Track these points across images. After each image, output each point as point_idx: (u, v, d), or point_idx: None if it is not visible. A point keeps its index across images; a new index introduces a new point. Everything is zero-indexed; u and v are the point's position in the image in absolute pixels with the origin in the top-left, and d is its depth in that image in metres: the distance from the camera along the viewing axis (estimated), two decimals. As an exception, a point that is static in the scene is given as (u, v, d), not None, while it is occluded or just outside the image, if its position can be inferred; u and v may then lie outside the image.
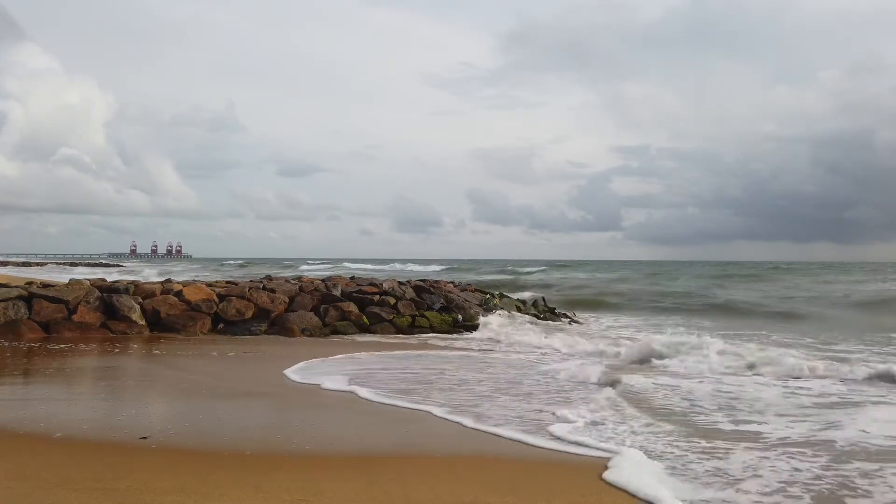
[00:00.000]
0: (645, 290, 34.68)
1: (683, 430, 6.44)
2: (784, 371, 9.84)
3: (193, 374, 9.81)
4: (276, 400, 8.12)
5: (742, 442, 6.05)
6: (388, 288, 17.87)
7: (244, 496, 4.47)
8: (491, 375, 9.71)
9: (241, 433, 6.29)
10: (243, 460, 5.36)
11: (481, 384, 8.95)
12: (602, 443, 5.94)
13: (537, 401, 7.87)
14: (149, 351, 12.30)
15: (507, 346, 13.77)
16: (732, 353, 11.15)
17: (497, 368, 10.43)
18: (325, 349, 12.48)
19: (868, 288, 36.26)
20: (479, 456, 5.70)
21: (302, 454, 5.62)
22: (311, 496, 4.52)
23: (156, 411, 7.54)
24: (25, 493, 4.43)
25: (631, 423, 6.68)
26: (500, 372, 10.07)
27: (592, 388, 8.64)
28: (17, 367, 10.18)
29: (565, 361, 11.08)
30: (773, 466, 5.30)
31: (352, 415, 7.25)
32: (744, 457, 5.54)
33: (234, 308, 15.46)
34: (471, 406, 7.50)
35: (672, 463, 5.38)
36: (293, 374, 9.56)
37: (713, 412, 7.33)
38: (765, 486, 4.84)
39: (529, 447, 5.94)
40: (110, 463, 5.16)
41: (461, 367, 10.48)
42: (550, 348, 13.09)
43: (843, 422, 6.78)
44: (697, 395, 8.25)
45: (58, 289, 14.99)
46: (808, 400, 8.05)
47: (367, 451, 5.79)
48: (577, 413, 7.01)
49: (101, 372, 10.11)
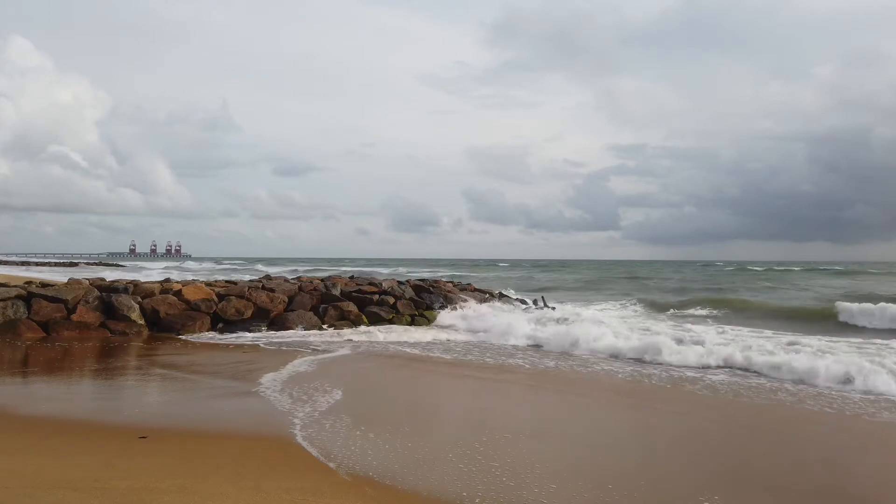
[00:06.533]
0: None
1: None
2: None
3: (193, 374, 9.80)
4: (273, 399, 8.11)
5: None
6: (388, 287, 17.87)
7: (244, 496, 4.47)
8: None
9: (241, 432, 6.29)
10: (243, 460, 5.36)
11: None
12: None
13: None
14: (148, 351, 12.29)
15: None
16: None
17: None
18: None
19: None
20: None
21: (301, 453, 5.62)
22: (311, 496, 4.52)
23: (155, 411, 7.53)
24: (25, 492, 4.42)
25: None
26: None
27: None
28: (15, 367, 10.18)
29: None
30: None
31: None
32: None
33: (233, 307, 15.44)
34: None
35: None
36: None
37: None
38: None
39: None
40: (110, 463, 5.16)
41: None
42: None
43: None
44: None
45: (57, 288, 14.96)
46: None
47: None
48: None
49: (100, 372, 10.10)
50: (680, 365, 10.95)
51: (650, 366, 11.03)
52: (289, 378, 9.19)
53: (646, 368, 10.78)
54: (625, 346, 12.38)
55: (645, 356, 11.64)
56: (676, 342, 12.21)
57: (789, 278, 47.75)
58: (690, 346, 11.96)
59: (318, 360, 11.10)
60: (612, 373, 10.46)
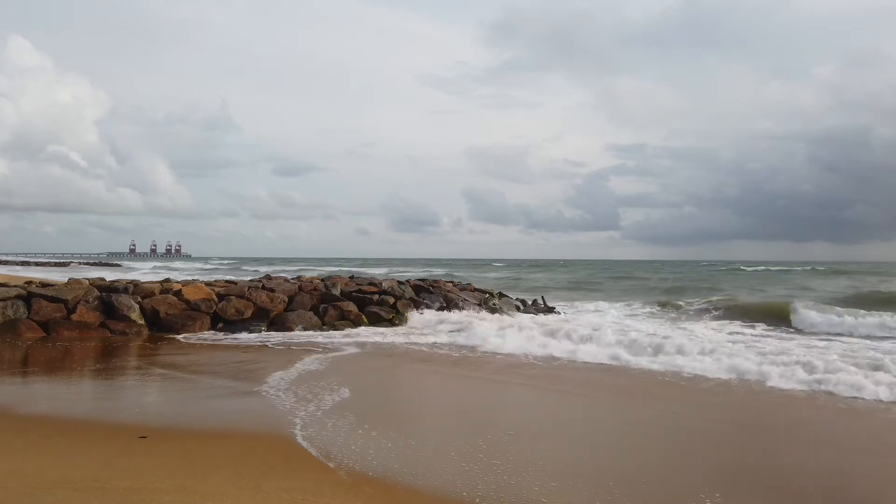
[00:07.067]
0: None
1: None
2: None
3: (193, 374, 9.80)
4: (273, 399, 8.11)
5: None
6: (388, 287, 17.86)
7: (244, 496, 4.46)
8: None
9: (242, 432, 6.28)
10: (243, 460, 5.35)
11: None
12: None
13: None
14: (148, 350, 12.28)
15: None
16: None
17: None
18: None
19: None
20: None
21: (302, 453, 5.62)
22: (311, 496, 4.52)
23: (155, 411, 7.52)
24: (25, 492, 4.42)
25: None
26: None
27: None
28: (15, 367, 10.17)
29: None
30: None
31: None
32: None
33: (233, 307, 15.43)
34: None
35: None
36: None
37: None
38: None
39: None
40: (110, 463, 5.15)
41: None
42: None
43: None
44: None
45: (57, 288, 14.95)
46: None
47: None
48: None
49: (100, 372, 10.09)
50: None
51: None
52: (298, 377, 9.20)
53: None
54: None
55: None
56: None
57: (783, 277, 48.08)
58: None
59: (328, 358, 11.13)
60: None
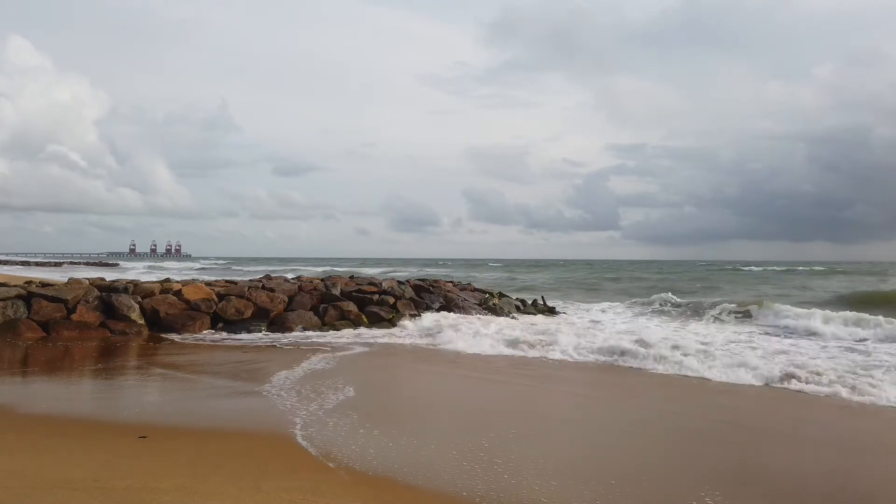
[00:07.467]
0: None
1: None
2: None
3: (193, 374, 9.79)
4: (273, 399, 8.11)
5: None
6: (388, 287, 17.86)
7: (244, 496, 4.46)
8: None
9: (242, 432, 6.28)
10: (244, 460, 5.35)
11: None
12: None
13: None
14: (148, 350, 12.28)
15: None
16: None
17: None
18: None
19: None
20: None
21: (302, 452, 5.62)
22: (311, 496, 4.51)
23: (155, 411, 7.52)
24: (25, 492, 4.42)
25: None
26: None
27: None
28: (15, 367, 10.17)
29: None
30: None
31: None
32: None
33: (233, 307, 15.43)
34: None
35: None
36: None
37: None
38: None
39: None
40: (110, 463, 5.15)
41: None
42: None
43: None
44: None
45: (57, 288, 14.94)
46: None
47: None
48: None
49: (100, 371, 10.09)
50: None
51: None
52: (299, 377, 9.19)
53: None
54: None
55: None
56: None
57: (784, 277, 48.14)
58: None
59: (327, 358, 11.12)
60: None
